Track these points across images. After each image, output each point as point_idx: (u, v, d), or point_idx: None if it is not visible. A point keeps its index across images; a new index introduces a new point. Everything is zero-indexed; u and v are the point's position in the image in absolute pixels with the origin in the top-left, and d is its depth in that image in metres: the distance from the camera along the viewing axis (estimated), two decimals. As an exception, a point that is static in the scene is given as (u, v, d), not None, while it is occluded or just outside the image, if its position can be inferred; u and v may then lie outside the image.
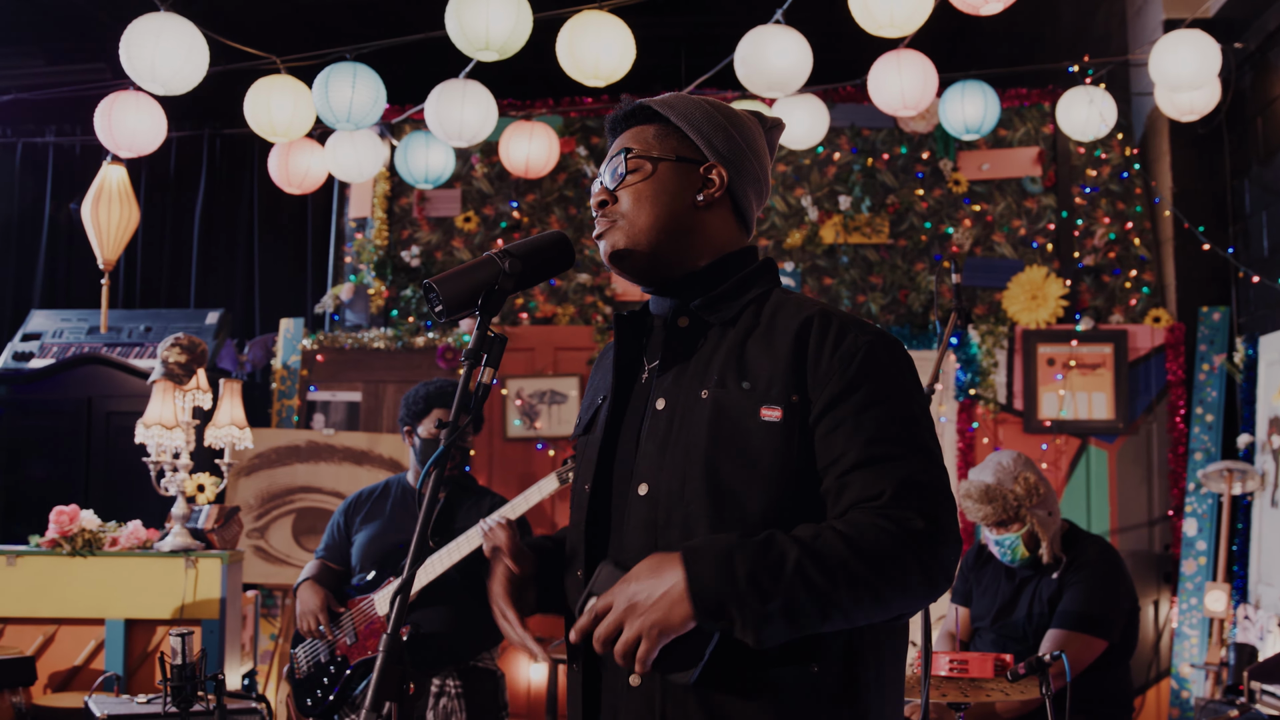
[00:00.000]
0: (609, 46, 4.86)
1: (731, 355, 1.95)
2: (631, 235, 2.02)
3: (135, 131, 5.54)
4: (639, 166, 2.03)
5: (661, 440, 1.95)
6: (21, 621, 5.45)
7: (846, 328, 1.92)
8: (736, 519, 1.86)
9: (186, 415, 5.52)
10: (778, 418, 1.88)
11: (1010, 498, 4.01)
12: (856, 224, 7.06)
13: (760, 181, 2.10)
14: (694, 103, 2.08)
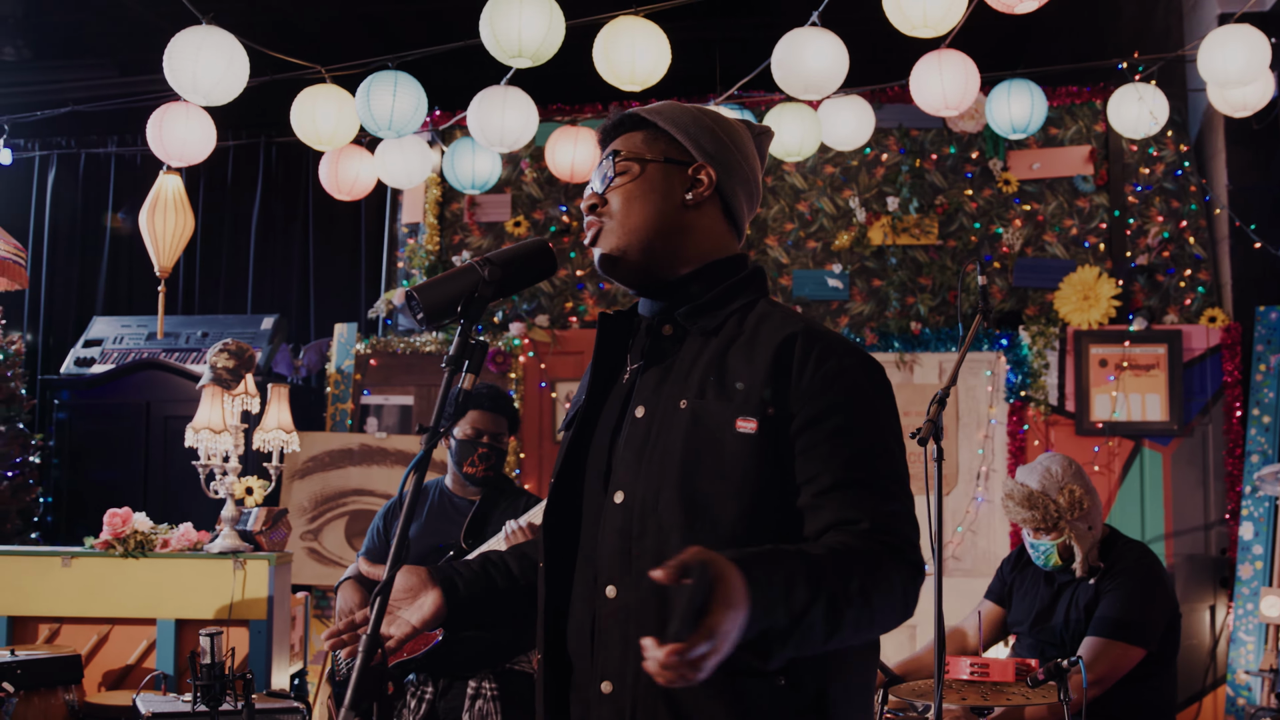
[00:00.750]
0: (644, 51, 4.87)
1: (712, 366, 1.95)
2: (622, 237, 2.02)
3: (185, 141, 5.64)
4: (627, 168, 2.03)
5: (639, 448, 1.96)
6: (76, 621, 5.58)
7: (831, 348, 1.92)
8: (708, 530, 1.86)
9: (235, 419, 5.61)
10: (752, 430, 1.88)
11: (1051, 509, 3.97)
12: (905, 225, 7.02)
13: (750, 183, 2.09)
14: (681, 108, 2.09)
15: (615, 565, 1.93)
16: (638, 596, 1.89)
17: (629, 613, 1.90)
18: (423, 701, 4.02)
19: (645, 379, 2.02)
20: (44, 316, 8.29)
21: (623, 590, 1.91)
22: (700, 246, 2.04)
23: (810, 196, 7.23)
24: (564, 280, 7.52)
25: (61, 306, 8.32)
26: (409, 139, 6.37)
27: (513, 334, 7.25)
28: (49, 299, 8.32)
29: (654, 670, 1.55)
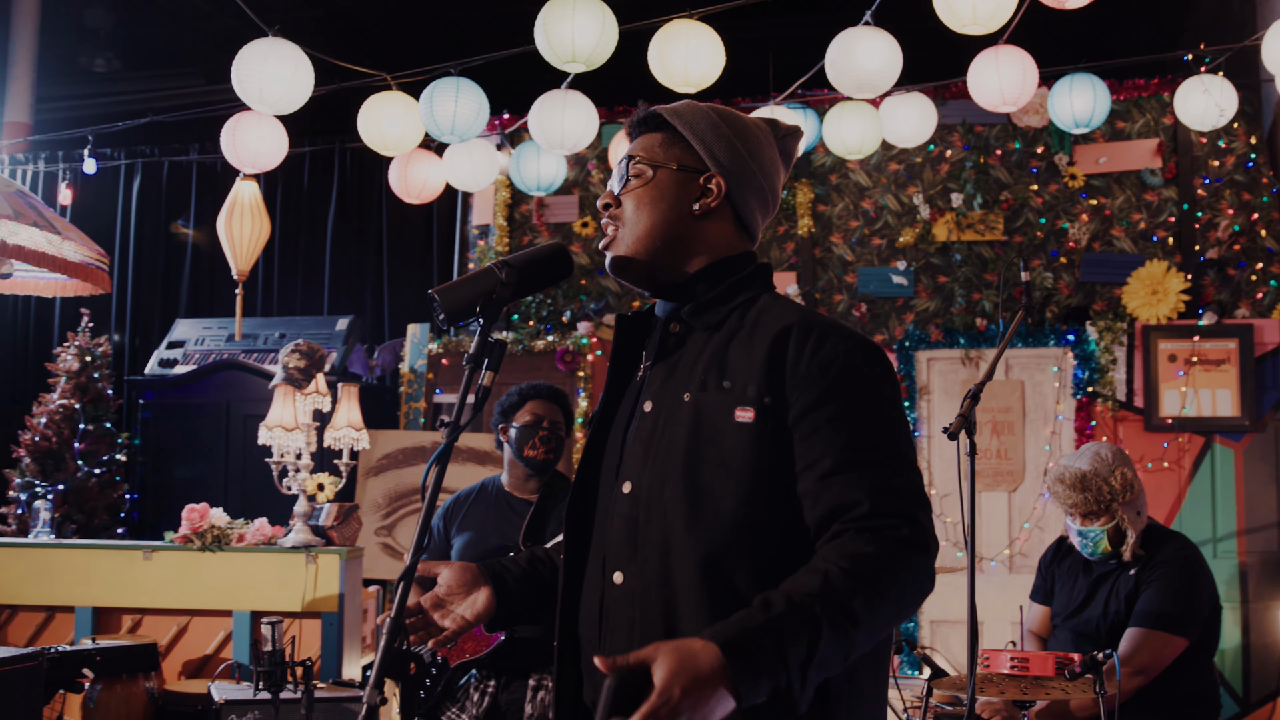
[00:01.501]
0: (698, 53, 4.94)
1: (714, 359, 2.01)
2: (630, 244, 2.08)
3: (258, 149, 5.82)
4: (641, 173, 2.09)
5: (646, 441, 2.03)
6: (157, 613, 5.79)
7: (827, 334, 1.94)
8: (711, 518, 1.91)
9: (306, 418, 5.78)
10: (750, 419, 1.92)
11: (1104, 490, 3.96)
12: (969, 221, 7.01)
13: (764, 191, 2.13)
14: (701, 112, 2.12)
15: (623, 552, 2.01)
16: (642, 583, 1.97)
17: (634, 598, 1.98)
18: (485, 695, 4.13)
19: (654, 375, 2.10)
20: (130, 319, 8.56)
21: (629, 577, 1.99)
22: (706, 251, 2.09)
23: (874, 194, 7.25)
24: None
25: (146, 309, 8.59)
26: (476, 142, 6.50)
27: (581, 333, 7.36)
28: (135, 302, 8.60)
29: None
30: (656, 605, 1.94)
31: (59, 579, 5.83)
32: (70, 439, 7.14)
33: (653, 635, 1.92)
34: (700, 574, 1.91)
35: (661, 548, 1.95)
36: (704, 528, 1.91)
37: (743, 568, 1.90)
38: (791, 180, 7.32)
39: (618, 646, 2.00)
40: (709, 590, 1.90)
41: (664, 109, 2.14)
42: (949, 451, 6.93)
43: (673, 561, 1.94)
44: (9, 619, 5.88)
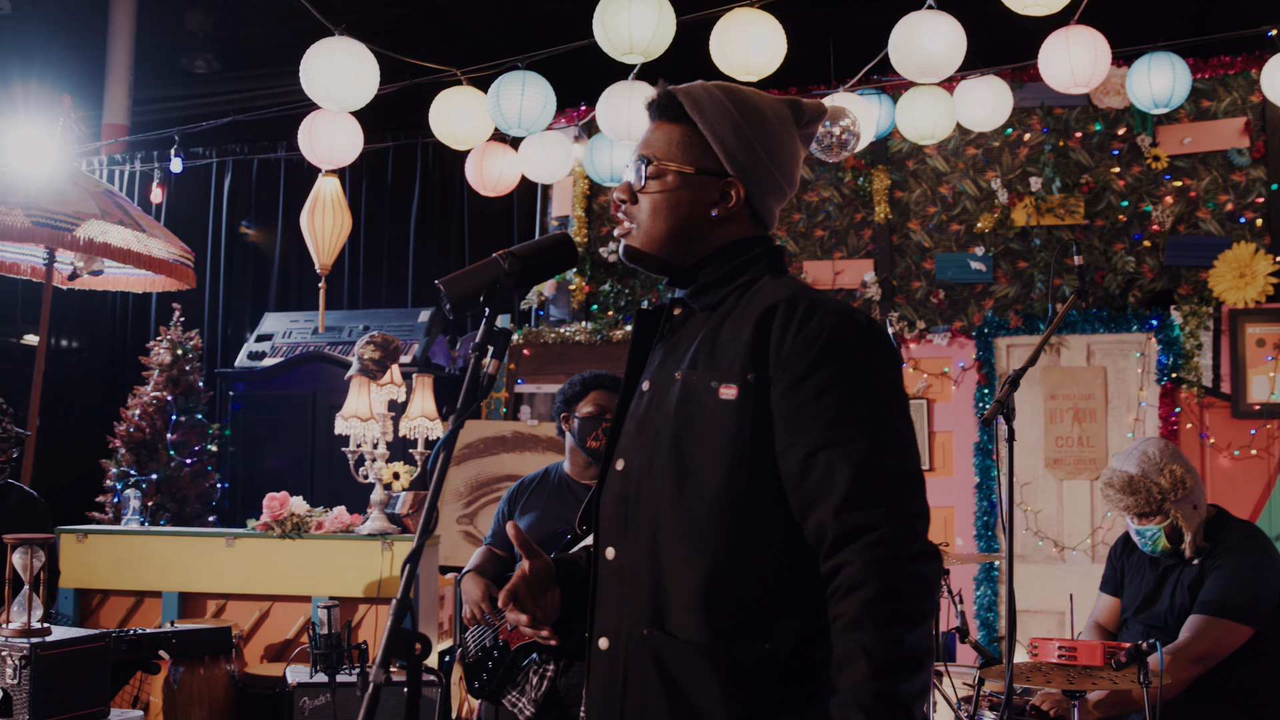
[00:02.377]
0: (758, 42, 4.94)
1: (707, 338, 2.02)
2: (646, 243, 2.09)
3: (333, 145, 5.94)
4: (659, 174, 2.07)
5: (640, 419, 2.06)
6: (240, 598, 5.96)
7: (813, 309, 1.93)
8: (695, 494, 1.93)
9: (381, 407, 5.89)
10: (734, 396, 1.92)
11: (1154, 490, 3.89)
12: (1049, 205, 6.88)
13: (781, 188, 2.11)
14: (722, 107, 2.07)
15: (614, 528, 2.05)
16: (632, 559, 2.00)
17: (623, 574, 2.01)
18: (544, 679, 4.19)
19: (654, 357, 2.13)
20: (221, 313, 8.79)
21: (619, 553, 2.03)
22: (720, 243, 2.09)
23: (952, 179, 7.16)
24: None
25: (238, 303, 8.81)
26: (549, 134, 6.56)
27: (658, 323, 7.39)
28: (227, 297, 8.82)
29: None
30: (644, 581, 1.98)
31: (147, 565, 6.03)
32: (163, 430, 7.36)
33: (640, 611, 1.97)
34: (685, 550, 1.94)
35: (650, 524, 1.98)
36: (688, 504, 1.94)
37: (726, 544, 1.91)
38: (868, 166, 7.26)
39: (608, 620, 2.04)
40: (696, 567, 1.92)
41: (683, 95, 2.10)
42: (1029, 439, 6.83)
43: (659, 537, 1.97)
44: (101, 603, 6.10)
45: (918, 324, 7.08)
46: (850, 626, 1.80)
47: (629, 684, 1.97)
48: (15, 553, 3.38)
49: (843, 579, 1.82)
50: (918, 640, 1.79)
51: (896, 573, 1.79)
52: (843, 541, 1.83)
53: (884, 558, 1.80)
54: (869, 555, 1.80)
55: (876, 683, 1.75)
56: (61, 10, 10.30)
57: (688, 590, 1.91)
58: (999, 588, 6.77)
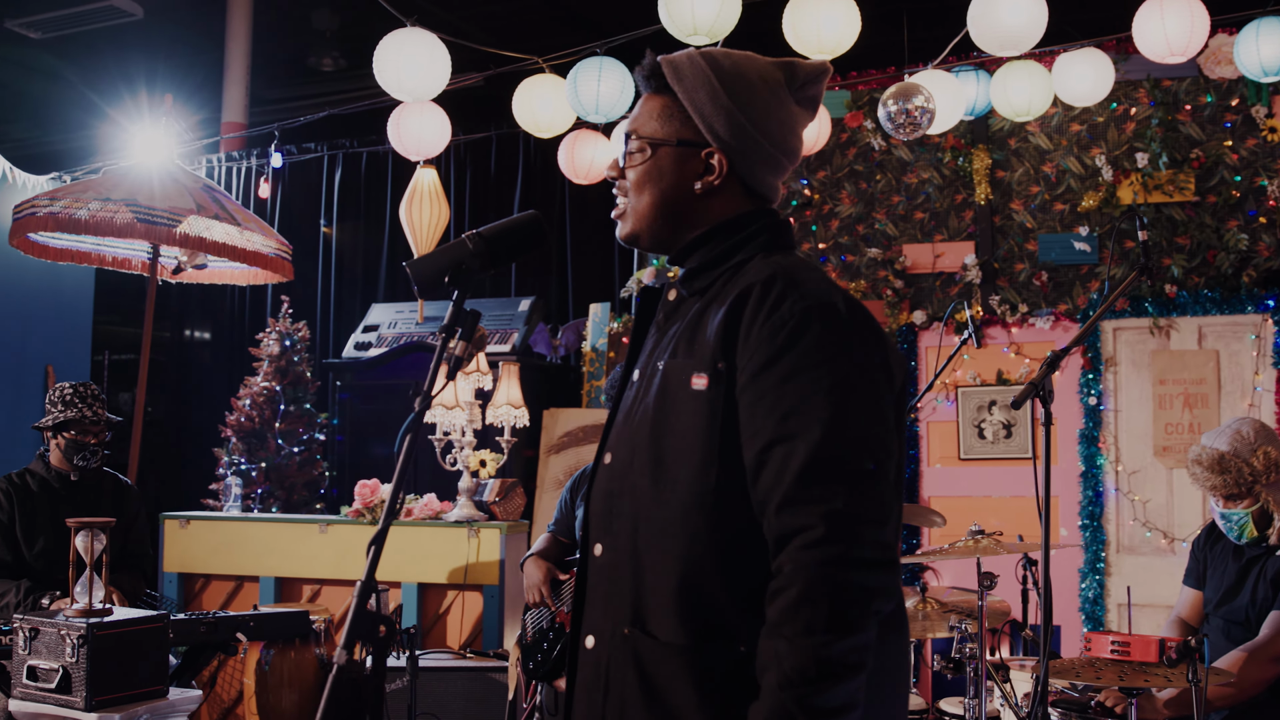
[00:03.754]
0: (830, 19, 4.83)
1: (690, 325, 1.95)
2: (635, 222, 2.05)
3: (420, 137, 6.02)
4: (641, 148, 2.03)
5: (627, 411, 2.01)
6: (333, 583, 6.09)
7: (787, 293, 1.83)
8: (669, 489, 1.87)
9: (468, 396, 5.95)
10: (704, 386, 1.86)
11: (1245, 471, 3.70)
12: (1157, 181, 6.61)
13: (774, 158, 2.02)
14: (701, 75, 2.00)
15: (600, 525, 2.00)
16: (615, 555, 1.95)
17: (607, 571, 1.96)
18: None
19: (646, 344, 2.08)
20: (333, 305, 8.98)
21: (605, 549, 1.98)
22: (712, 221, 2.02)
23: (1055, 157, 6.93)
24: (806, 254, 7.50)
25: (348, 295, 8.98)
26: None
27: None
28: (338, 288, 9.01)
29: None
30: (627, 578, 1.93)
31: (245, 551, 6.20)
32: (271, 420, 7.56)
33: (622, 610, 1.92)
34: (661, 548, 1.88)
35: (631, 520, 1.93)
36: (664, 500, 1.88)
37: (701, 542, 1.84)
38: (968, 146, 7.07)
39: (594, 619, 2.00)
40: (671, 565, 1.86)
41: (666, 63, 2.04)
42: (1138, 426, 6.59)
43: (639, 534, 1.91)
44: (203, 587, 6.30)
45: (1020, 307, 6.87)
46: (769, 632, 1.73)
47: (610, 685, 1.92)
48: (78, 535, 3.49)
49: (775, 582, 1.74)
50: (844, 652, 1.68)
51: (826, 579, 1.69)
52: (780, 542, 1.76)
53: (815, 561, 1.70)
54: (799, 558, 1.72)
55: (784, 693, 1.68)
56: (190, 14, 10.63)
57: (664, 589, 1.86)
58: (1105, 579, 6.54)
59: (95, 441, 4.82)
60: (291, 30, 11.26)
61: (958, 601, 4.40)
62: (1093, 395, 6.60)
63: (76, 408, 4.74)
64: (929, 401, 7.01)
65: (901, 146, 7.25)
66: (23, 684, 3.43)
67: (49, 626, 3.40)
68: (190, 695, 3.67)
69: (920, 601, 4.41)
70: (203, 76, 10.82)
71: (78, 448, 4.77)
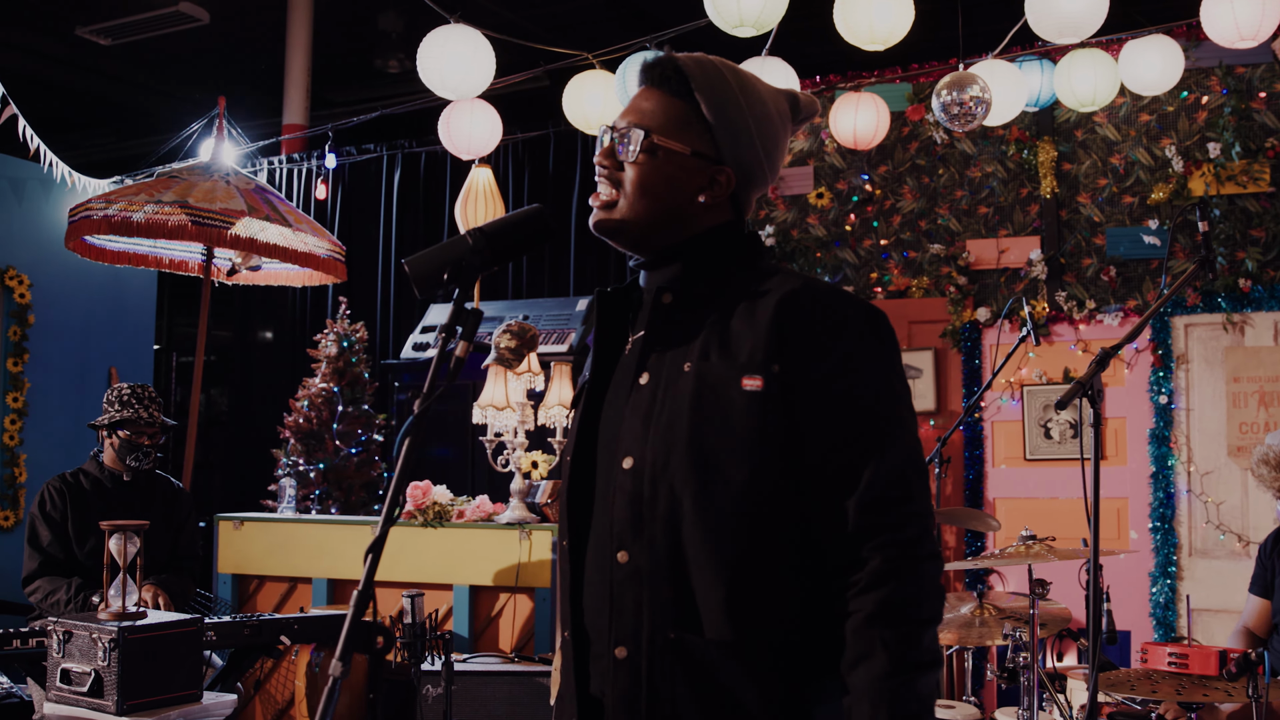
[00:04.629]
0: (883, 8, 4.70)
1: (715, 329, 1.94)
2: (624, 215, 2.01)
3: (471, 135, 5.97)
4: (653, 149, 1.99)
5: (645, 413, 1.94)
6: (385, 585, 6.04)
7: (833, 301, 1.91)
8: (721, 489, 1.85)
9: (519, 396, 5.89)
10: (759, 387, 1.86)
11: (1315, 472, 3.53)
12: (1230, 172, 6.38)
13: (766, 181, 2.08)
14: (728, 92, 2.00)
15: (627, 531, 1.92)
16: (651, 561, 1.89)
17: (642, 577, 1.90)
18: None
19: (647, 347, 2.01)
20: (392, 305, 8.97)
21: (634, 555, 1.91)
22: (700, 228, 2.03)
23: (1124, 148, 6.72)
24: (868, 250, 7.36)
25: (407, 295, 8.97)
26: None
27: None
28: (397, 289, 9.00)
29: None
30: (667, 583, 1.88)
31: (298, 552, 6.19)
32: (329, 420, 7.55)
33: (665, 615, 1.87)
34: (714, 547, 1.85)
35: (669, 522, 1.88)
36: (715, 499, 1.86)
37: (758, 539, 1.85)
38: (1033, 138, 6.88)
39: (625, 627, 1.92)
40: (724, 564, 1.84)
41: (689, 67, 2.02)
42: (1211, 425, 6.37)
43: (684, 536, 1.87)
44: (257, 589, 6.29)
45: (1087, 303, 6.67)
46: (869, 622, 1.79)
47: (658, 692, 1.87)
48: (112, 538, 3.47)
49: (864, 575, 1.81)
50: (932, 640, 1.82)
51: (915, 572, 1.81)
52: (865, 536, 1.82)
53: (904, 556, 1.81)
54: (890, 553, 1.80)
55: (899, 677, 1.75)
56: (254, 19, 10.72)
57: (716, 588, 1.84)
58: (1177, 583, 6.32)
59: (149, 443, 4.84)
60: (357, 33, 11.31)
61: (1015, 608, 4.26)
62: (1163, 393, 6.39)
63: (133, 408, 4.77)
64: (993, 400, 6.84)
65: (965, 140, 7.08)
66: (57, 686, 3.42)
67: (81, 629, 3.38)
68: (224, 700, 3.64)
69: (977, 607, 4.27)
70: (266, 80, 10.91)
71: (131, 448, 4.79)
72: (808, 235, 7.52)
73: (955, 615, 4.23)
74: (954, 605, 4.34)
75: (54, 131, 12.03)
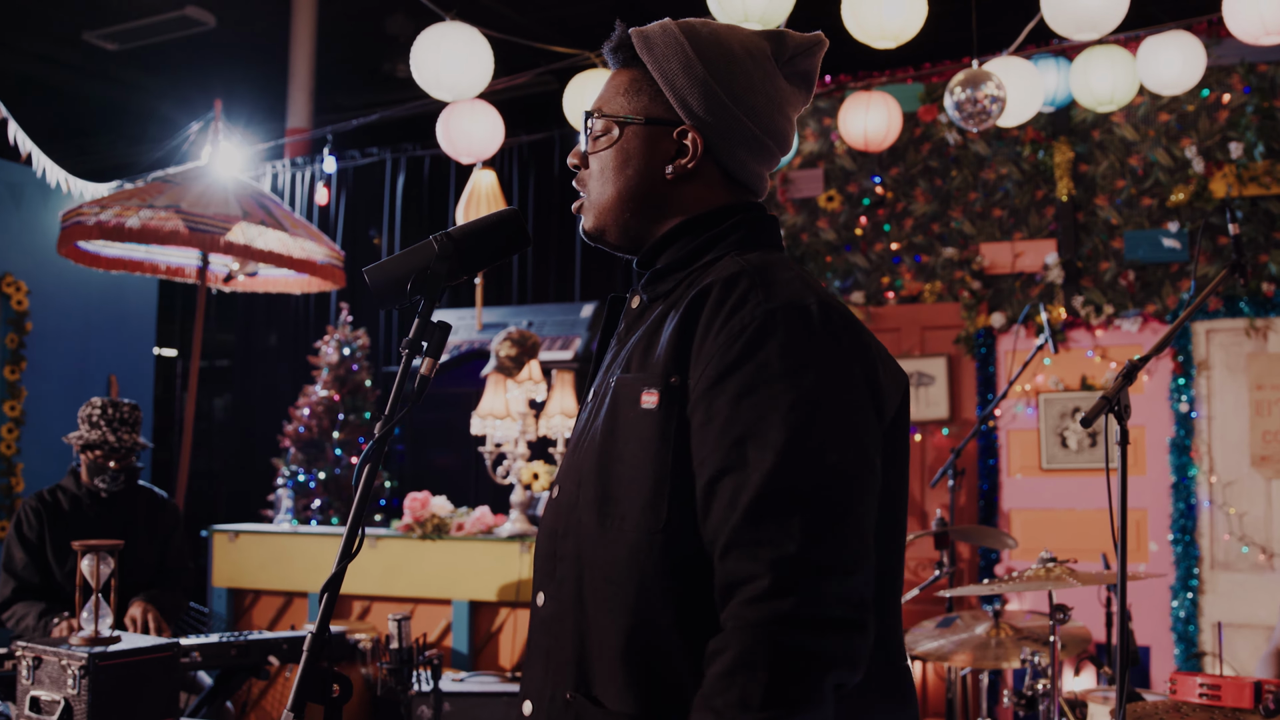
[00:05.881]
0: (894, 3, 4.53)
1: (648, 335, 1.69)
2: (598, 215, 1.80)
3: (472, 137, 5.81)
4: (606, 130, 1.77)
5: (578, 436, 1.74)
6: (384, 600, 5.90)
7: (750, 294, 1.56)
8: (615, 527, 1.59)
9: (520, 406, 5.73)
10: (654, 404, 1.58)
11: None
12: (1252, 173, 6.19)
13: (757, 138, 1.75)
14: (674, 43, 1.74)
15: (544, 569, 1.71)
16: (559, 606, 1.66)
17: (549, 624, 1.68)
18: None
19: (607, 357, 1.82)
20: (395, 311, 8.82)
21: (548, 599, 1.69)
22: (684, 212, 1.77)
23: (1142, 149, 6.53)
24: (880, 255, 7.19)
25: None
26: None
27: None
28: (399, 295, 8.84)
29: None
30: (569, 633, 1.64)
31: (295, 565, 6.04)
32: (330, 429, 7.40)
33: (564, 671, 1.63)
34: (608, 597, 1.59)
35: (576, 563, 1.64)
36: (610, 540, 1.60)
37: (653, 590, 1.55)
38: (1048, 139, 6.70)
39: (533, 680, 1.71)
40: (617, 618, 1.58)
41: (637, 34, 1.79)
42: (1234, 434, 6.17)
43: (585, 581, 1.63)
44: (253, 603, 6.15)
45: (1105, 309, 6.49)
46: (699, 703, 1.44)
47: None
48: (84, 559, 3.32)
49: (713, 642, 1.47)
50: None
51: (769, 641, 1.41)
52: (725, 593, 1.48)
53: (757, 619, 1.42)
54: (741, 614, 1.44)
55: None
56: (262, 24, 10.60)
57: (610, 647, 1.58)
58: (1199, 597, 6.13)
59: (118, 466, 4.63)
60: (365, 37, 11.18)
61: (1033, 628, 4.08)
62: (1184, 401, 6.20)
63: (101, 430, 4.56)
64: (1008, 408, 6.66)
65: (978, 141, 6.90)
66: (25, 715, 3.26)
67: (51, 655, 3.22)
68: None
69: (993, 627, 4.09)
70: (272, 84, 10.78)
71: (98, 470, 4.59)
72: (817, 239, 7.35)
73: (970, 636, 4.06)
74: (969, 624, 4.17)
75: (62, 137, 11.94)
